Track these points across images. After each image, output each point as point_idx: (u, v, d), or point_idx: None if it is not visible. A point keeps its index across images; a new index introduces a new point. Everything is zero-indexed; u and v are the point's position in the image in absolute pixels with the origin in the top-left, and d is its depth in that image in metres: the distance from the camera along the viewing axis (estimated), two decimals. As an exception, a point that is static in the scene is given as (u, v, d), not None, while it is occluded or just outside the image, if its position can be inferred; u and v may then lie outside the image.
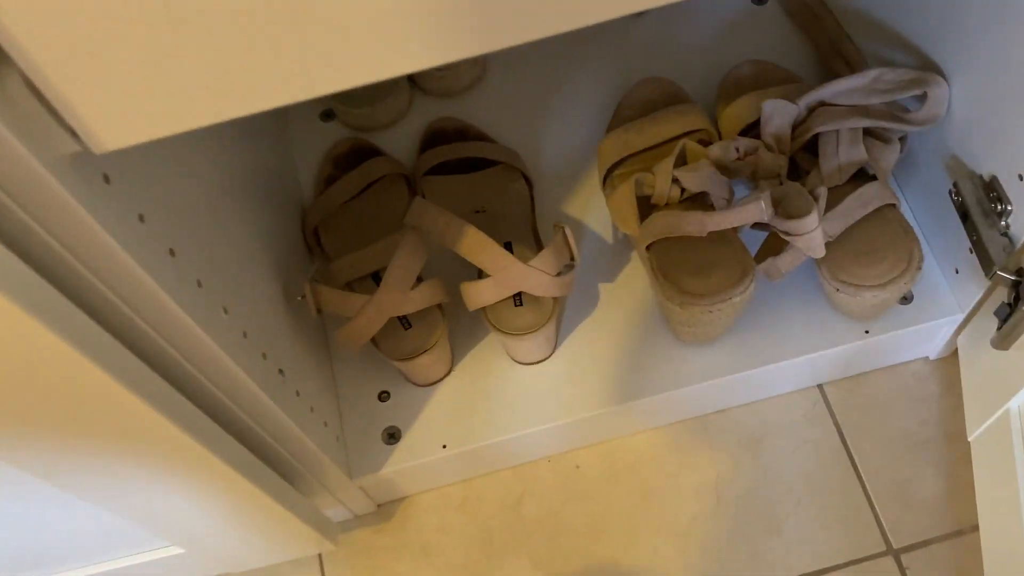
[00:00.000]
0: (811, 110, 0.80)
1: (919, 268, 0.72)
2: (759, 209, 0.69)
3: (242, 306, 0.60)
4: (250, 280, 0.65)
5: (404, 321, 0.78)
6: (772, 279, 0.75)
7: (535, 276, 0.72)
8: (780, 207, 0.73)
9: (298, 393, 0.69)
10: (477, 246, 0.71)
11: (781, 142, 0.79)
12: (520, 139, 0.92)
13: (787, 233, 0.71)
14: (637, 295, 0.84)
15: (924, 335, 0.84)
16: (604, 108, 0.94)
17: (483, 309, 0.77)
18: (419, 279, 0.75)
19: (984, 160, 0.72)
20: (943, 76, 0.74)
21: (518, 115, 0.95)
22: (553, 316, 0.76)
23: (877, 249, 0.73)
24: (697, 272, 0.73)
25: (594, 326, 0.83)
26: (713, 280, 0.72)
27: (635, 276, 0.85)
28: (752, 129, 0.82)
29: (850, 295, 0.72)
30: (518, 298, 0.78)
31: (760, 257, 0.76)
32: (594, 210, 0.89)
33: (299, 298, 0.74)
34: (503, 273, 0.72)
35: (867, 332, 0.81)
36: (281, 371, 0.66)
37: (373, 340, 0.77)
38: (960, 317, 0.81)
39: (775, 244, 0.76)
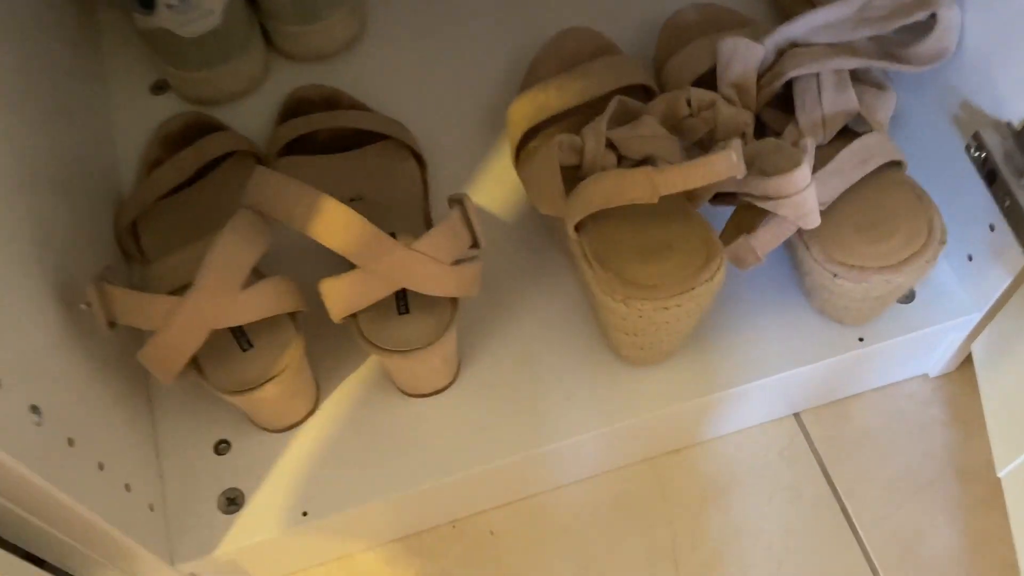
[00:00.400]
0: (780, 53, 0.61)
1: (943, 242, 0.53)
2: (729, 161, 0.50)
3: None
4: (21, 299, 0.44)
5: (242, 338, 0.56)
6: (744, 266, 0.56)
7: (424, 266, 0.51)
8: (753, 167, 0.54)
9: (71, 442, 0.46)
10: (340, 225, 0.50)
11: (744, 93, 0.60)
12: (408, 112, 0.72)
13: (767, 197, 0.52)
14: (563, 300, 0.64)
15: (926, 344, 0.66)
16: (512, 70, 0.75)
17: (354, 319, 0.56)
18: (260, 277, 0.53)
19: (1013, 102, 0.54)
20: (952, -4, 0.56)
21: (405, 82, 0.75)
22: (451, 327, 0.55)
23: (885, 220, 0.54)
24: (646, 256, 0.53)
25: (507, 343, 0.63)
26: (668, 265, 0.52)
27: (559, 275, 0.65)
28: (705, 82, 0.63)
29: (853, 281, 0.53)
30: (402, 302, 0.56)
31: (726, 239, 0.56)
32: (504, 192, 0.69)
33: (82, 306, 0.51)
34: (379, 263, 0.50)
35: (861, 340, 0.62)
36: (35, 407, 0.43)
37: (197, 366, 0.55)
38: (975, 317, 0.63)
39: (746, 220, 0.57)
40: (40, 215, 0.52)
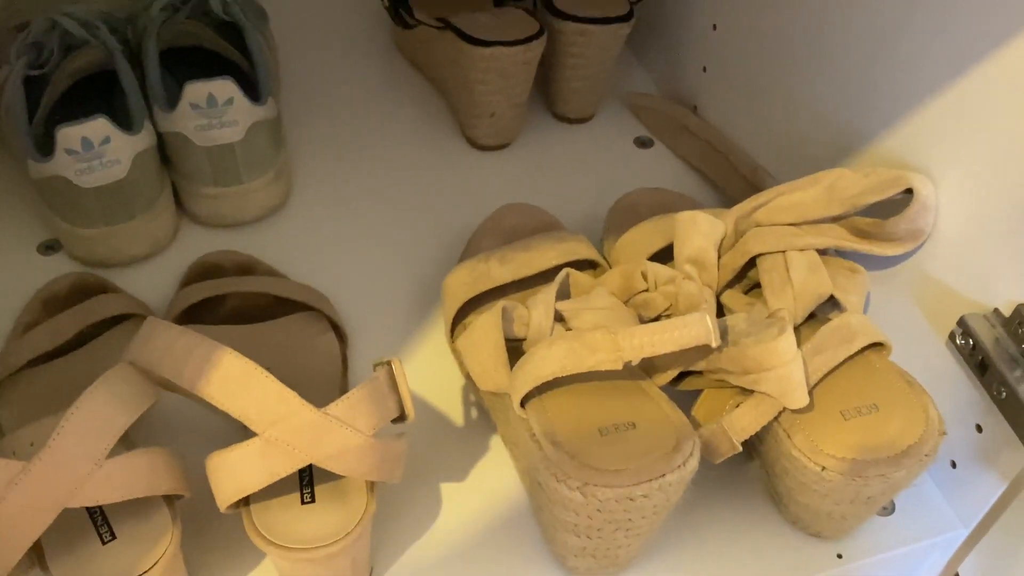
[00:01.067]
0: (740, 233, 0.57)
1: (943, 433, 0.47)
2: (703, 325, 0.43)
3: None
4: None
5: (102, 525, 0.44)
6: (717, 456, 0.48)
7: (338, 434, 0.42)
8: (725, 341, 0.47)
9: None
10: (237, 382, 0.41)
11: (704, 270, 0.55)
12: (330, 284, 0.64)
13: (745, 371, 0.45)
14: (498, 496, 0.54)
15: (909, 564, 0.58)
16: (444, 246, 0.69)
17: (245, 508, 0.45)
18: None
19: (997, 286, 0.50)
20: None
21: (327, 254, 0.68)
22: (366, 521, 0.45)
23: (875, 405, 0.47)
24: (606, 437, 0.45)
25: (430, 547, 0.52)
26: (633, 447, 0.44)
27: (495, 465, 0.56)
28: (658, 261, 0.58)
29: (846, 477, 0.45)
30: (307, 489, 0.46)
31: (693, 426, 0.48)
32: (433, 370, 0.61)
33: None
34: (281, 427, 0.41)
35: (840, 556, 0.54)
36: None
37: (41, 558, 0.43)
38: (962, 534, 0.56)
39: (715, 406, 0.49)
40: None
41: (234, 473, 0.42)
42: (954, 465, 0.55)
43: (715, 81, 0.75)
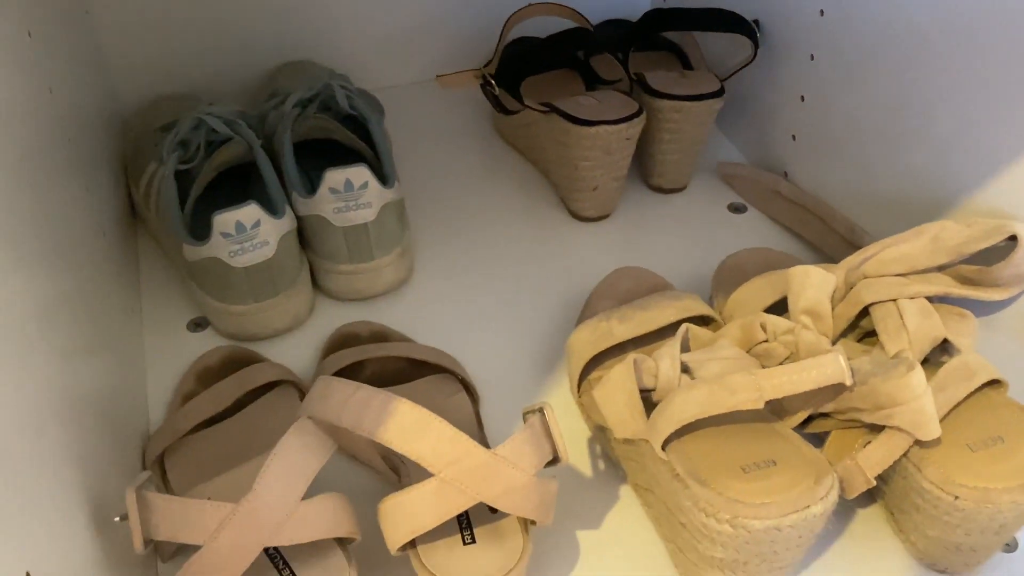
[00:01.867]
0: (850, 286, 0.60)
1: (1071, 462, 0.49)
2: (838, 364, 0.47)
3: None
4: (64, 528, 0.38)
5: (284, 568, 0.48)
6: (852, 492, 0.51)
7: (508, 474, 0.46)
8: (854, 383, 0.50)
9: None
10: (415, 427, 0.45)
11: (819, 320, 0.58)
12: (457, 349, 0.69)
13: (878, 407, 0.48)
14: (633, 540, 0.57)
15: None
16: (560, 309, 0.73)
17: (412, 550, 0.49)
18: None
19: (1107, 323, 0.53)
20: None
21: (452, 322, 0.73)
22: (525, 557, 0.49)
23: (1000, 437, 0.50)
24: (749, 473, 0.48)
25: (577, 590, 0.55)
26: (775, 482, 0.47)
27: (627, 511, 0.59)
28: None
29: (979, 505, 0.48)
30: (467, 531, 0.50)
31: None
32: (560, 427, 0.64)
33: (116, 519, 0.45)
34: (456, 467, 0.45)
35: (969, 592, 0.55)
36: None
37: (233, 601, 0.47)
38: (1089, 569, 0.57)
39: (844, 446, 0.52)
40: (74, 440, 0.47)
41: (410, 512, 0.46)
42: (1076, 501, 0.57)
43: (805, 148, 0.79)
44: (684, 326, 0.58)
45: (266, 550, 0.49)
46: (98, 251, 0.64)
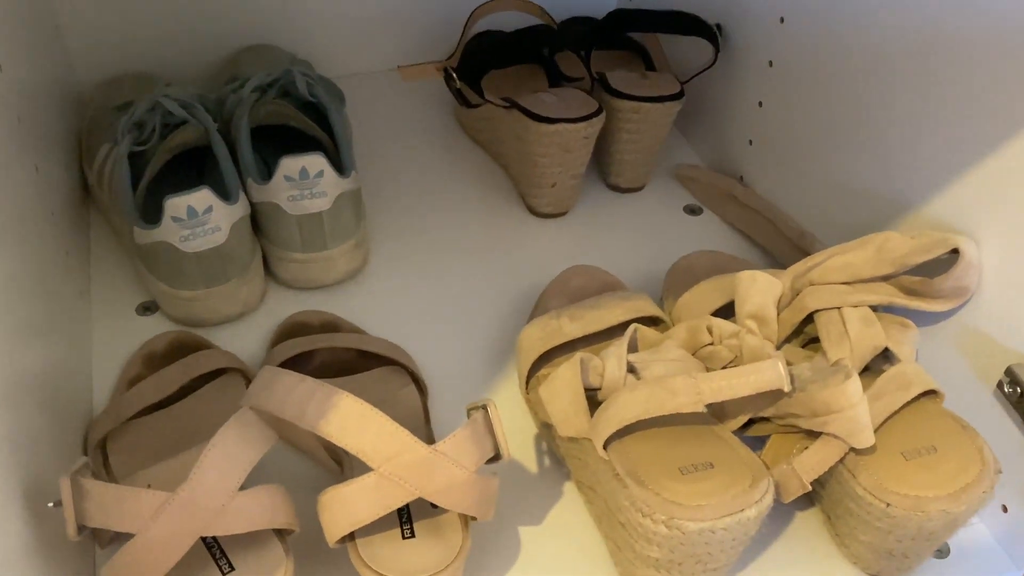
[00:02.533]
0: (796, 292, 0.61)
1: (999, 471, 0.50)
2: (776, 371, 0.47)
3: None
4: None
5: (221, 557, 0.48)
6: (788, 496, 0.52)
7: (447, 470, 0.46)
8: (792, 389, 0.51)
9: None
10: (355, 420, 0.45)
11: (764, 325, 0.59)
12: (408, 342, 0.69)
13: (814, 414, 0.49)
14: (574, 537, 0.58)
15: (965, 608, 0.60)
16: (513, 305, 0.74)
17: (352, 543, 0.49)
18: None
19: (1042, 337, 0.54)
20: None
21: (404, 315, 0.73)
22: (463, 553, 0.49)
23: (933, 447, 0.51)
24: (687, 475, 0.49)
25: (516, 586, 0.56)
26: (712, 484, 0.48)
27: (569, 508, 0.59)
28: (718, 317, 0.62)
29: (906, 511, 0.49)
30: (407, 524, 0.50)
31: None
32: (506, 422, 0.64)
33: (50, 504, 0.44)
34: (395, 462, 0.45)
35: (900, 597, 0.56)
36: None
37: (167, 589, 0.47)
38: (1016, 576, 0.59)
39: (783, 450, 0.53)
40: (13, 421, 0.46)
41: (349, 506, 0.46)
42: (1005, 509, 0.58)
43: (761, 153, 0.80)
44: (632, 326, 0.59)
45: (204, 539, 0.49)
46: (47, 231, 0.63)
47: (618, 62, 0.89)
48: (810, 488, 0.51)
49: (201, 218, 0.65)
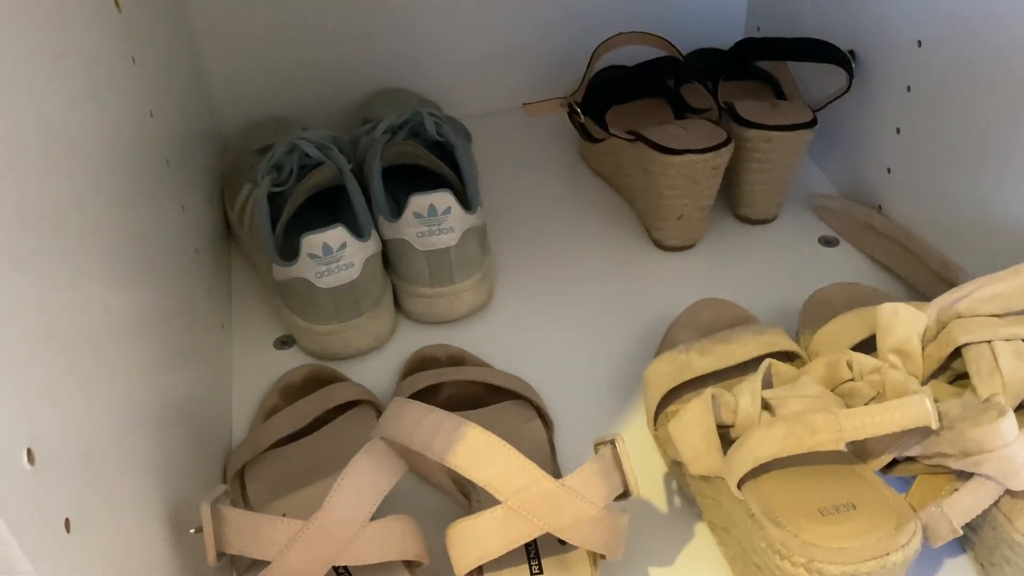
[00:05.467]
0: (942, 325, 0.58)
1: None
2: (923, 407, 0.45)
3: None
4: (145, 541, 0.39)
5: (353, 586, 0.49)
6: (937, 541, 0.48)
7: (575, 505, 0.45)
8: (941, 427, 0.48)
9: None
10: (483, 453, 0.45)
11: (908, 359, 0.56)
12: (533, 376, 0.69)
13: (965, 454, 0.46)
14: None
15: None
16: (638, 340, 0.72)
17: (480, 577, 0.49)
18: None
19: None
20: None
21: (530, 348, 0.73)
22: (591, 591, 0.48)
23: (1099, 490, 0.47)
24: (827, 516, 0.46)
25: (646, 627, 0.54)
26: (854, 527, 0.45)
27: (701, 550, 0.58)
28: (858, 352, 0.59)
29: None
30: (535, 560, 0.50)
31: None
32: (635, 459, 0.63)
33: (191, 531, 0.46)
34: (523, 495, 0.45)
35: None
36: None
37: (301, 617, 0.47)
38: None
39: (930, 491, 0.50)
40: (160, 449, 0.49)
41: (477, 539, 0.46)
42: None
43: (900, 181, 0.77)
44: (767, 361, 0.57)
45: (335, 568, 0.50)
46: (191, 267, 0.66)
47: (747, 92, 0.87)
48: (961, 533, 0.48)
49: (336, 255, 0.67)
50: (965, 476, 0.49)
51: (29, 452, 0.31)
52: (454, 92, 0.98)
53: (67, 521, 0.33)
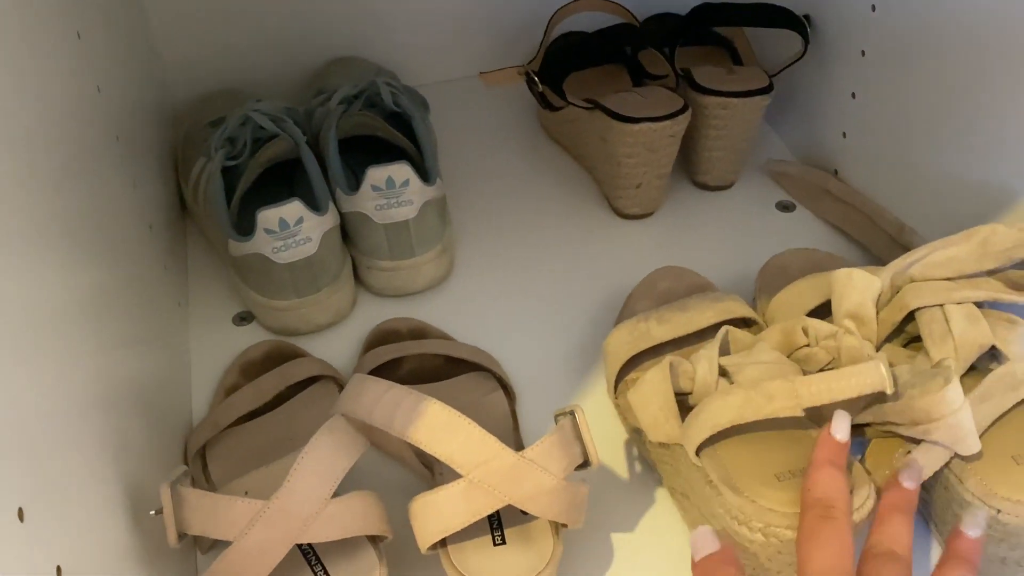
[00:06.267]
0: (896, 290, 0.59)
1: (1122, 476, 0.47)
2: (878, 373, 0.46)
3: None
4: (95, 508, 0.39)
5: (316, 563, 0.49)
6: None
7: (536, 477, 0.46)
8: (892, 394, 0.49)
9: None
10: (444, 428, 0.45)
11: (863, 324, 0.57)
12: (494, 347, 0.69)
13: (914, 422, 0.47)
14: (667, 544, 0.57)
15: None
16: (599, 309, 0.73)
17: (442, 549, 0.49)
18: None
19: None
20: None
21: (490, 320, 0.73)
22: (554, 561, 0.49)
23: (1047, 451, 0.48)
24: (784, 482, 0.47)
25: (608, 595, 0.55)
26: (810, 491, 0.46)
27: (661, 515, 0.58)
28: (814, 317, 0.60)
29: (1018, 518, 0.46)
30: (498, 531, 0.50)
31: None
32: (596, 428, 0.63)
33: (152, 512, 0.46)
34: (484, 469, 0.45)
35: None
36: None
37: (265, 595, 0.48)
38: None
39: (882, 456, 0.51)
40: (116, 430, 0.48)
41: (440, 513, 0.46)
42: None
43: (856, 146, 0.78)
44: (724, 329, 0.58)
45: (299, 546, 0.50)
46: (145, 245, 0.65)
47: (704, 58, 0.87)
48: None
49: (292, 229, 0.66)
50: (917, 440, 0.50)
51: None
52: (410, 60, 0.96)
53: (19, 511, 0.33)
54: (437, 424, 0.45)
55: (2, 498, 0.32)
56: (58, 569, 0.35)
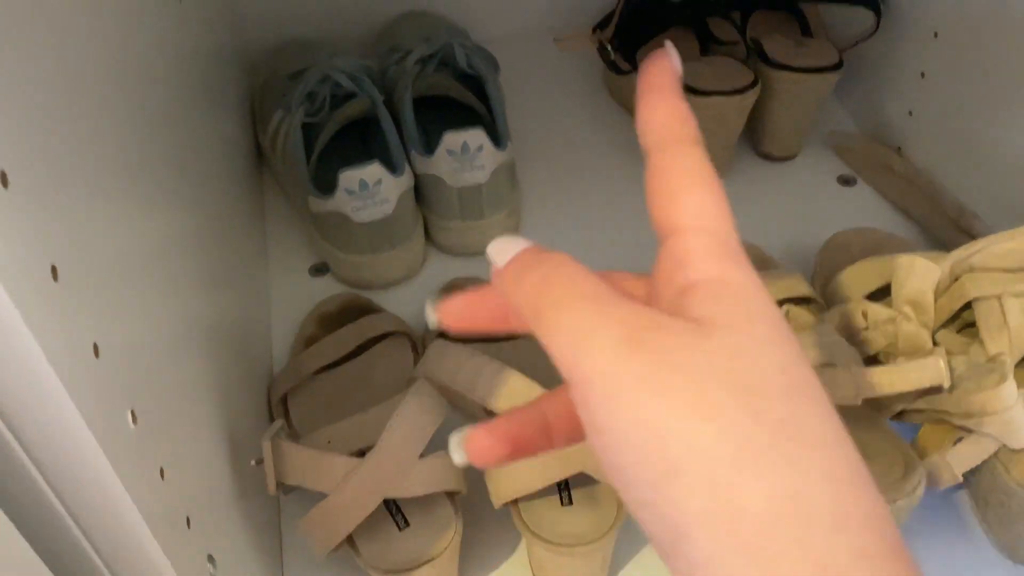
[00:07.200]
0: (956, 278, 0.61)
1: None
2: (937, 368, 0.48)
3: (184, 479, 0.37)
4: (201, 452, 0.43)
5: (398, 514, 0.53)
6: (940, 484, 0.52)
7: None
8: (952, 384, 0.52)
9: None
10: (523, 396, 0.49)
11: (921, 311, 0.59)
12: (560, 309, 0.71)
13: (968, 415, 0.49)
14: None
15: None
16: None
17: (515, 507, 0.53)
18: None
19: None
20: None
21: (558, 282, 0.75)
22: (618, 523, 0.52)
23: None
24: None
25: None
26: (865, 474, 0.49)
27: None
28: (873, 300, 0.62)
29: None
30: (566, 493, 0.54)
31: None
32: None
33: (252, 463, 0.50)
34: (560, 440, 0.48)
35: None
36: (211, 558, 0.41)
37: (351, 540, 0.52)
38: None
39: (934, 440, 0.54)
40: (213, 369, 0.51)
41: (516, 476, 0.50)
42: None
43: (921, 125, 0.78)
44: (784, 307, 0.60)
45: (384, 500, 0.54)
46: (229, 189, 0.68)
47: (774, 25, 0.87)
48: (961, 480, 0.52)
49: (372, 190, 0.69)
50: (968, 429, 0.53)
51: (95, 346, 0.32)
52: (478, 14, 0.97)
53: (132, 412, 0.35)
54: (516, 393, 0.49)
55: (114, 399, 0.34)
56: (160, 471, 0.37)
